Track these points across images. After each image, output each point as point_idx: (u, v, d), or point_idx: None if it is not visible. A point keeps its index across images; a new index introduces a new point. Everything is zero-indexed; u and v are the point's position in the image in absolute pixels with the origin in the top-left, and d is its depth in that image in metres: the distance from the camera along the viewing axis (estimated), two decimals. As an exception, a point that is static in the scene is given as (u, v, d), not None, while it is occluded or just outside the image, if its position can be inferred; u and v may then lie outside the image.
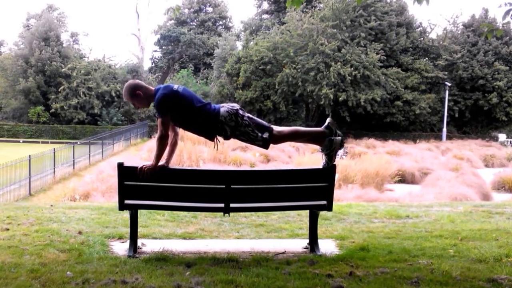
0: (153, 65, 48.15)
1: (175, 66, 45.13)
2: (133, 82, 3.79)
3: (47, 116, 34.24)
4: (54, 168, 15.68)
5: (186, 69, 39.81)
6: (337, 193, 8.67)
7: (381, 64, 30.38)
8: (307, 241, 4.21)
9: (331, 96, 28.51)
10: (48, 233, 4.40)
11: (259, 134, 3.69)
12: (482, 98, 32.41)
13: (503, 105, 32.23)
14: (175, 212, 5.19)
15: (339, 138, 3.83)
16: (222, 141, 3.78)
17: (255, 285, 3.17)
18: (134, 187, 3.79)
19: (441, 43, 33.30)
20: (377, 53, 29.97)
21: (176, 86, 3.68)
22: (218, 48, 36.84)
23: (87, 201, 9.88)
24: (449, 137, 30.75)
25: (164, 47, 46.31)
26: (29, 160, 13.86)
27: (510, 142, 31.74)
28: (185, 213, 5.26)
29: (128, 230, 4.07)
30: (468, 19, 35.28)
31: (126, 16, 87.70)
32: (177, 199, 3.88)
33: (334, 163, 3.87)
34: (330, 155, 3.82)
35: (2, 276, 3.24)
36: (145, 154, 18.41)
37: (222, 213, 4.10)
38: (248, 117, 3.71)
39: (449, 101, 31.90)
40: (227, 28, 47.37)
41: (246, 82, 31.53)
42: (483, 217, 5.82)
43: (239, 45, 38.20)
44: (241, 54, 32.20)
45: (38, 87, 34.03)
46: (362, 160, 14.58)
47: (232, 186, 3.81)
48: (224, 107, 3.68)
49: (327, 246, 4.22)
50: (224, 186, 3.81)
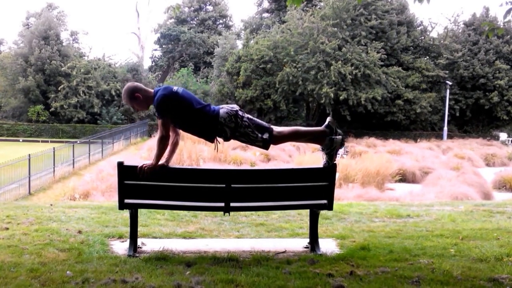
0: (153, 64, 48.15)
1: (175, 65, 45.12)
2: (131, 84, 3.78)
3: (46, 115, 34.24)
4: (53, 167, 15.66)
5: (186, 68, 39.78)
6: (337, 192, 8.66)
7: (382, 63, 30.34)
8: (308, 240, 4.21)
9: (332, 95, 28.47)
10: (48, 233, 4.39)
11: (259, 135, 3.68)
12: (483, 97, 32.40)
13: (504, 104, 32.21)
14: (175, 211, 5.18)
15: (340, 137, 3.83)
16: (222, 142, 3.77)
17: (256, 285, 3.16)
18: (134, 186, 3.78)
19: (442, 42, 33.27)
20: (377, 52, 29.92)
21: (175, 88, 3.67)
22: (218, 47, 36.81)
23: (87, 200, 9.88)
24: (450, 136, 30.74)
25: (164, 46, 46.28)
26: (29, 159, 13.85)
27: (511, 141, 31.73)
28: (185, 212, 5.25)
29: (128, 229, 4.06)
30: (469, 17, 35.27)
31: (126, 14, 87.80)
32: (177, 198, 3.87)
33: (335, 162, 3.87)
34: (331, 154, 3.82)
35: (1, 275, 3.24)
36: (145, 153, 18.41)
37: (222, 212, 4.09)
38: (247, 118, 3.70)
39: (450, 100, 31.87)
40: (228, 27, 47.34)
41: (247, 81, 31.51)
42: (484, 216, 5.81)
43: (239, 44, 38.19)
44: (242, 53, 32.17)
45: (37, 86, 34.03)
46: (363, 159, 14.57)
47: (232, 185, 3.80)
48: (223, 109, 3.67)
49: (328, 246, 4.21)
50: (224, 185, 3.80)
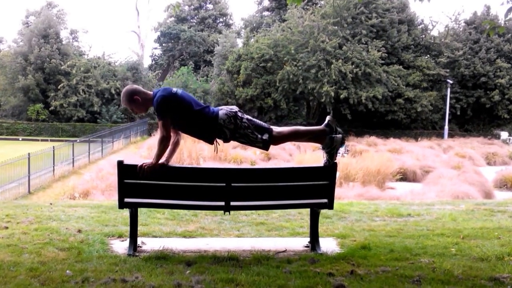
0: (153, 62, 48.09)
1: (175, 64, 45.07)
2: (130, 87, 3.77)
3: (46, 114, 34.20)
4: (53, 166, 15.63)
5: (186, 67, 39.72)
6: (338, 191, 8.64)
7: (383, 62, 30.29)
8: (308, 239, 4.20)
9: (332, 93, 28.44)
10: (48, 232, 4.39)
11: (259, 135, 3.68)
12: (484, 96, 32.34)
13: (505, 102, 32.16)
14: (175, 210, 5.17)
15: (340, 136, 3.82)
16: (221, 143, 3.77)
17: (256, 284, 3.15)
18: (134, 185, 3.77)
19: (442, 40, 33.22)
20: (378, 51, 29.87)
21: (175, 89, 3.67)
22: (218, 46, 36.75)
23: (86, 199, 9.88)
24: (450, 135, 30.71)
25: (164, 45, 46.24)
26: (28, 158, 13.83)
27: (512, 139, 31.70)
28: (185, 211, 5.24)
29: (128, 228, 4.05)
30: (470, 16, 35.18)
31: (126, 13, 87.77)
32: (177, 197, 3.86)
33: (335, 161, 3.87)
34: (331, 153, 3.81)
35: (1, 274, 3.23)
36: (145, 152, 18.41)
37: (222, 212, 4.09)
38: (247, 119, 3.70)
39: (451, 98, 31.82)
40: (228, 25, 47.27)
41: (247, 80, 31.48)
42: (485, 215, 5.80)
43: (239, 42, 38.14)
44: (242, 52, 32.13)
45: (37, 84, 33.98)
46: (363, 158, 14.54)
47: (232, 184, 3.79)
48: (222, 110, 3.67)
49: (328, 245, 4.20)
50: (224, 184, 3.79)
